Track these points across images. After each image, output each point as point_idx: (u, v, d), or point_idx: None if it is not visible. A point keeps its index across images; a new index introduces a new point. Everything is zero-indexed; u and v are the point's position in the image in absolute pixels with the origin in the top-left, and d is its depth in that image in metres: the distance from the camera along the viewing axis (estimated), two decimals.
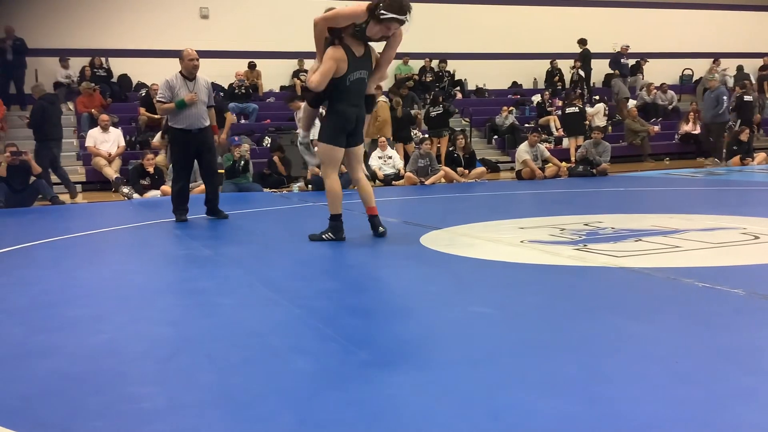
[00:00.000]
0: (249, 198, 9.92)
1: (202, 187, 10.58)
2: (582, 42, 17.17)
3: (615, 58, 17.85)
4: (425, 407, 2.03)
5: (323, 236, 5.25)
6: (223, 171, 11.30)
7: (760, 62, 19.09)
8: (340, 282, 3.95)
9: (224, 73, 15.47)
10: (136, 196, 10.36)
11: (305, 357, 2.55)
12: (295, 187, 11.18)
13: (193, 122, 6.89)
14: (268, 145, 13.21)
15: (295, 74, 16.04)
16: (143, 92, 14.27)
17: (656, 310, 3.06)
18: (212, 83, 15.55)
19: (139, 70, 15.30)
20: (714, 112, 13.58)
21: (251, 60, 15.76)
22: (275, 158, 11.90)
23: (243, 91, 15.04)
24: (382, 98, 12.14)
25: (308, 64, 16.18)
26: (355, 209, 7.75)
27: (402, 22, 4.87)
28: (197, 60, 7.00)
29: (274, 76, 16.39)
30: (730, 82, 17.69)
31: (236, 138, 11.91)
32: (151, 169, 10.63)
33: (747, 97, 14.77)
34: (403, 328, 2.91)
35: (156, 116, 13.47)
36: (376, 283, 3.97)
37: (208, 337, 2.88)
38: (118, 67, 15.33)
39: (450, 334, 2.80)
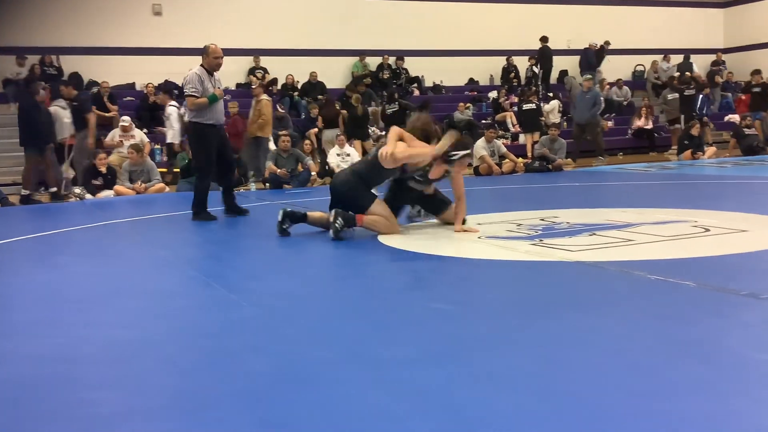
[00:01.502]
0: None
1: (157, 186, 10.47)
2: (543, 39, 17.34)
3: (586, 55, 18.11)
4: (383, 404, 2.03)
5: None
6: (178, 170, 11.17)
7: (712, 58, 19.54)
8: (298, 281, 3.92)
9: (178, 70, 15.24)
10: (88, 196, 10.15)
11: (263, 357, 2.53)
12: (253, 185, 11.08)
13: (219, 117, 6.83)
14: None
15: (251, 71, 15.90)
16: (95, 90, 13.98)
17: (611, 303, 3.11)
18: (166, 80, 15.41)
19: (91, 68, 14.98)
20: (593, 112, 13.52)
21: None
22: None
23: None
24: (264, 97, 12.09)
25: (264, 60, 16.09)
26: (313, 207, 7.71)
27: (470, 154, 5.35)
28: (222, 57, 6.88)
29: (229, 74, 16.15)
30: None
31: None
32: (103, 169, 10.43)
33: (688, 92, 15.06)
34: (361, 326, 2.90)
35: (107, 114, 13.22)
36: (334, 281, 3.95)
37: (164, 340, 2.84)
38: (69, 65, 14.99)
39: (408, 331, 2.80)
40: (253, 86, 13.18)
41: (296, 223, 5.38)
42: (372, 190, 5.32)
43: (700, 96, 15.47)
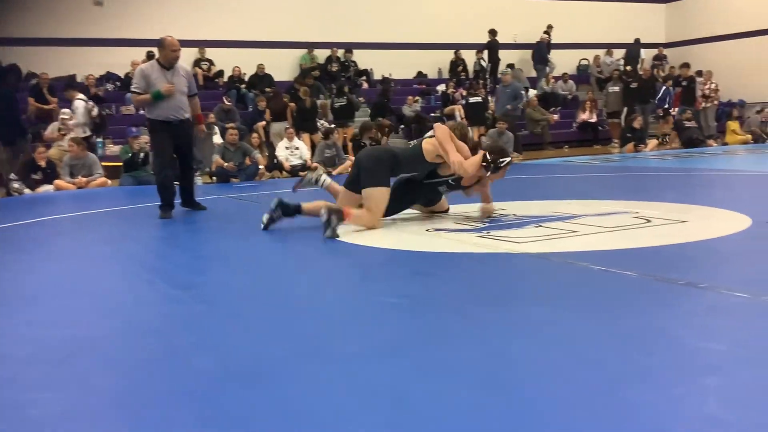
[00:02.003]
0: (149, 192, 9.57)
1: (99, 180, 10.21)
2: (492, 32, 17.47)
3: (537, 48, 18.33)
4: (332, 400, 2.02)
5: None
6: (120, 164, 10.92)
7: (654, 52, 19.98)
8: (245, 277, 3.87)
9: (120, 62, 14.91)
10: (27, 191, 9.85)
11: (209, 354, 2.48)
12: (199, 179, 10.90)
13: (172, 113, 6.47)
14: None
15: (196, 63, 15.63)
16: (34, 82, 13.56)
17: (556, 295, 3.15)
18: (108, 72, 15.03)
19: (29, 60, 14.51)
20: (514, 105, 13.45)
21: (149, 49, 15.23)
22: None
23: None
24: None
25: (210, 52, 15.81)
26: (260, 201, 7.63)
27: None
28: (179, 50, 6.57)
29: None
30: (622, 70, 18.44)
31: (134, 129, 11.48)
32: (43, 163, 10.13)
33: (633, 85, 15.39)
34: (310, 321, 2.87)
35: (46, 107, 12.85)
36: (282, 276, 3.91)
37: (105, 339, 2.77)
38: (7, 56, 14.49)
39: (357, 326, 2.79)
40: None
41: (288, 216, 5.23)
42: (391, 177, 5.29)
43: (663, 88, 15.83)
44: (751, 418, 1.78)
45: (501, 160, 5.33)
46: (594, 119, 16.34)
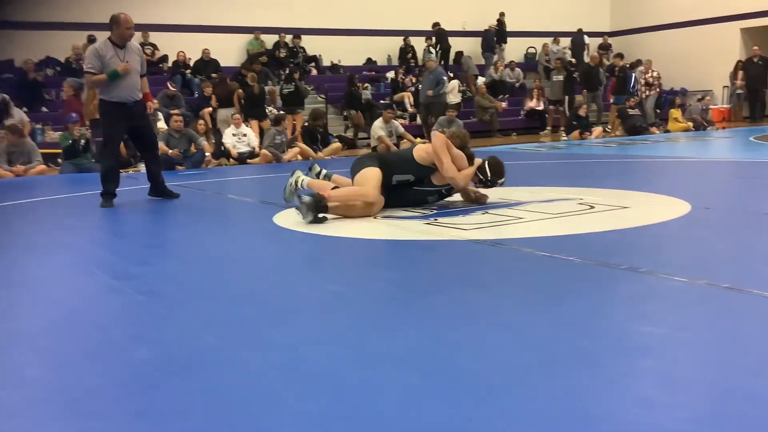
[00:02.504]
0: (90, 180, 9.33)
1: (38, 168, 9.90)
2: (435, 24, 17.52)
3: (487, 36, 18.42)
4: (272, 389, 1.99)
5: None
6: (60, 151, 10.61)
7: (599, 41, 20.30)
8: (188, 266, 3.80)
9: (59, 46, 14.47)
10: None
11: (146, 346, 2.43)
12: (142, 167, 10.66)
13: (128, 94, 6.21)
14: None
15: (142, 47, 15.25)
16: None
17: (500, 280, 3.18)
18: (48, 56, 14.57)
19: None
20: (436, 91, 13.17)
21: (90, 33, 14.82)
22: None
23: (81, 65, 14.12)
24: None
25: (154, 36, 15.46)
26: (206, 189, 7.51)
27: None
28: (133, 28, 6.31)
29: None
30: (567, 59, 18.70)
31: (74, 115, 11.14)
32: None
33: (576, 74, 15.63)
34: (252, 310, 2.83)
35: None
36: (225, 264, 3.85)
37: (41, 331, 2.68)
38: None
39: (300, 313, 2.76)
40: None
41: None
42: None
43: (633, 74, 16.11)
44: (685, 399, 1.82)
45: (499, 181, 5.30)
46: (541, 107, 16.54)
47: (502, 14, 18.62)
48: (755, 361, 2.05)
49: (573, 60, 17.83)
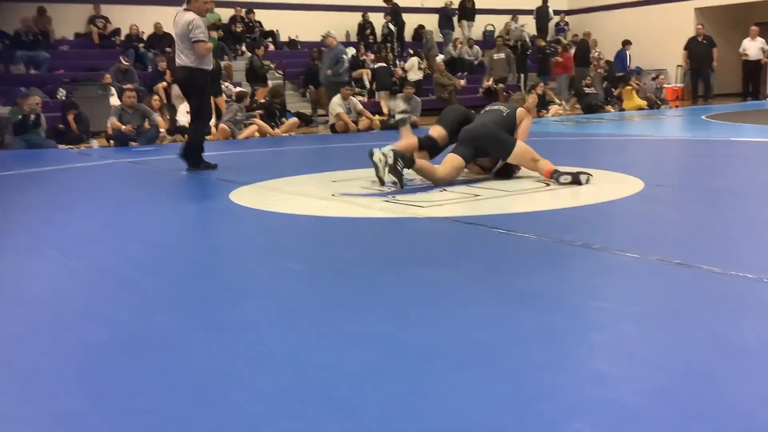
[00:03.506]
0: (41, 156, 9.11)
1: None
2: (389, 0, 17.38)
3: (444, 13, 18.34)
4: (228, 368, 1.97)
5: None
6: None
7: (557, 19, 20.41)
8: (141, 243, 3.73)
9: (8, 18, 13.98)
10: None
11: (100, 325, 2.38)
12: (94, 143, 10.44)
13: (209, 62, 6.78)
14: (63, 98, 12.18)
15: (91, 21, 14.85)
16: None
17: (457, 257, 3.19)
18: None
19: None
20: (334, 71, 12.52)
21: (40, 5, 14.36)
22: (69, 117, 10.95)
23: (31, 38, 13.69)
24: None
25: (105, 9, 15.05)
26: (161, 166, 7.38)
27: None
28: (212, 2, 6.86)
29: (67, 23, 15.05)
30: (527, 37, 18.78)
31: (23, 89, 10.82)
32: None
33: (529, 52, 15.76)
34: (207, 288, 2.80)
35: None
36: (180, 242, 3.80)
37: None
38: None
39: (257, 292, 2.74)
40: None
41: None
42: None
43: (627, 52, 16.26)
44: (636, 373, 1.86)
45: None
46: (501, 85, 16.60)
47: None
48: (704, 335, 2.10)
49: (528, 38, 17.93)
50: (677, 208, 4.27)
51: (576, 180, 4.90)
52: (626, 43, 17.18)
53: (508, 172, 5.41)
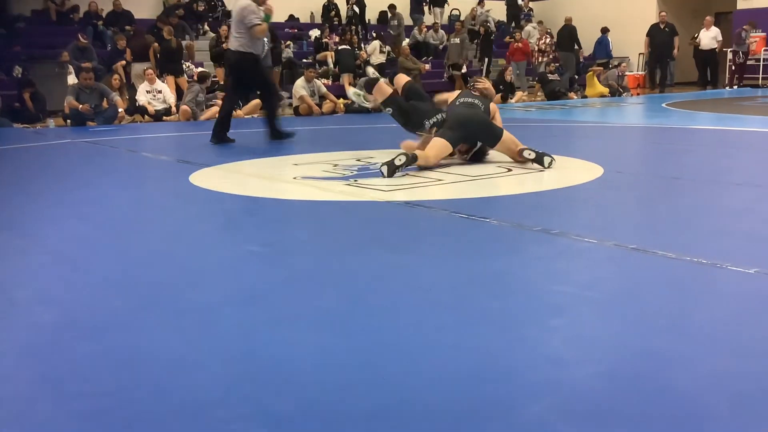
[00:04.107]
0: None
1: None
2: None
3: None
4: (180, 351, 1.94)
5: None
6: None
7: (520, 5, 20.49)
8: (97, 226, 3.65)
9: None
10: None
11: (51, 308, 2.33)
12: (51, 122, 10.20)
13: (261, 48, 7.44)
14: (19, 76, 11.86)
15: None
16: None
17: (417, 241, 3.19)
18: None
19: None
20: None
21: None
22: (25, 96, 10.67)
23: None
24: None
25: None
26: (119, 146, 7.25)
27: None
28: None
29: (24, 0, 14.65)
30: (492, 23, 18.83)
31: None
32: None
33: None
34: (163, 272, 2.75)
35: None
36: (137, 224, 3.73)
37: None
38: None
39: (215, 275, 2.70)
40: None
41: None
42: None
43: (608, 38, 16.34)
44: (592, 356, 1.88)
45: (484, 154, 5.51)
46: (464, 69, 16.63)
47: None
48: (658, 319, 2.13)
49: (493, 24, 17.97)
50: (635, 195, 4.33)
51: (539, 160, 4.94)
52: (605, 30, 17.28)
53: (479, 157, 5.45)
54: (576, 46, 16.87)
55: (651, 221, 3.55)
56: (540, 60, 16.12)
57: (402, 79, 6.11)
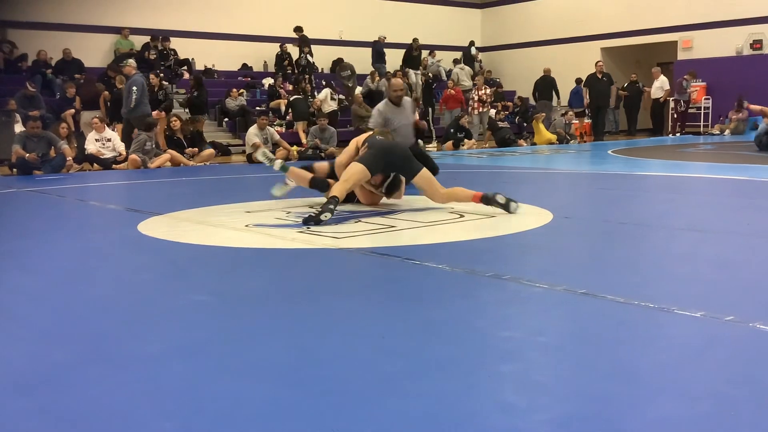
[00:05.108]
0: None
1: None
2: (298, 29, 17.40)
3: (376, 47, 18.49)
4: (123, 407, 1.87)
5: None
6: None
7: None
8: (38, 276, 3.55)
9: None
10: None
11: None
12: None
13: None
14: None
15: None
16: None
17: (368, 288, 3.17)
18: None
19: None
20: (127, 104, 11.12)
21: None
22: None
23: None
24: None
25: (12, 34, 14.50)
26: (67, 195, 7.10)
27: None
28: (399, 90, 7.31)
29: None
30: (443, 72, 19.23)
31: None
32: None
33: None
34: (108, 322, 2.67)
35: None
36: (81, 275, 3.62)
37: None
38: None
39: (161, 325, 2.63)
40: None
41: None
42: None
43: (582, 88, 16.88)
44: (541, 402, 1.87)
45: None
46: (417, 117, 16.84)
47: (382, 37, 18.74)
48: (608, 363, 2.14)
49: (444, 73, 18.39)
50: (583, 240, 4.39)
51: (506, 206, 5.06)
52: (579, 81, 17.72)
53: (392, 190, 5.51)
54: (555, 96, 17.27)
55: (599, 266, 3.60)
56: (480, 110, 16.16)
57: (350, 151, 5.79)
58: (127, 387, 2.01)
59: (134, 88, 11.03)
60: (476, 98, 16.03)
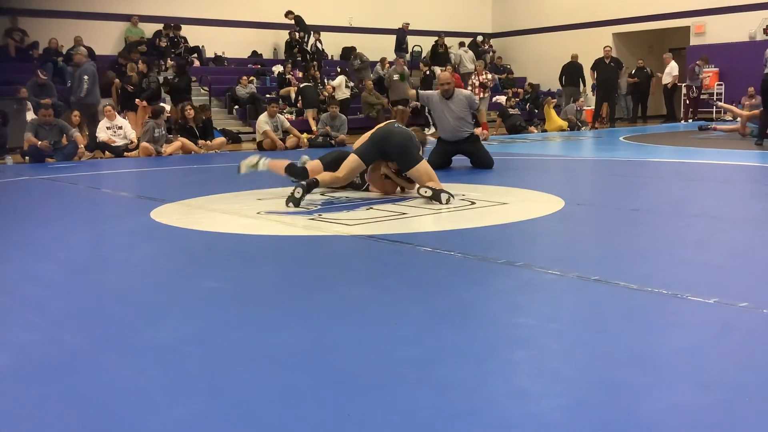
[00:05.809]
0: None
1: None
2: (289, 13, 17.23)
3: (399, 35, 18.42)
4: (142, 392, 1.89)
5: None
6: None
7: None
8: (55, 264, 3.58)
9: None
10: None
11: (5, 349, 2.26)
12: (9, 159, 10.02)
13: (451, 135, 7.81)
14: None
15: (8, 33, 14.32)
16: None
17: (382, 276, 3.18)
18: None
19: None
20: (77, 93, 10.89)
21: None
22: None
23: None
24: None
25: (23, 22, 14.56)
26: (79, 183, 7.15)
27: None
28: (445, 84, 7.47)
29: None
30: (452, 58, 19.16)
31: None
32: None
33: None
34: (123, 310, 2.70)
35: None
36: (96, 262, 3.65)
37: None
38: None
39: (176, 312, 2.65)
40: None
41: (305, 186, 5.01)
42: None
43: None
44: (556, 388, 1.88)
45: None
46: (412, 104, 16.80)
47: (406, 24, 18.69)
48: (620, 350, 2.14)
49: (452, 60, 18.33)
50: (596, 227, 4.38)
51: (437, 196, 4.97)
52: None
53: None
54: (582, 83, 17.12)
55: (612, 253, 3.60)
56: (481, 95, 16.05)
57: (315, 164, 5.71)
58: (143, 374, 2.03)
59: (85, 77, 10.85)
60: (477, 83, 15.93)
